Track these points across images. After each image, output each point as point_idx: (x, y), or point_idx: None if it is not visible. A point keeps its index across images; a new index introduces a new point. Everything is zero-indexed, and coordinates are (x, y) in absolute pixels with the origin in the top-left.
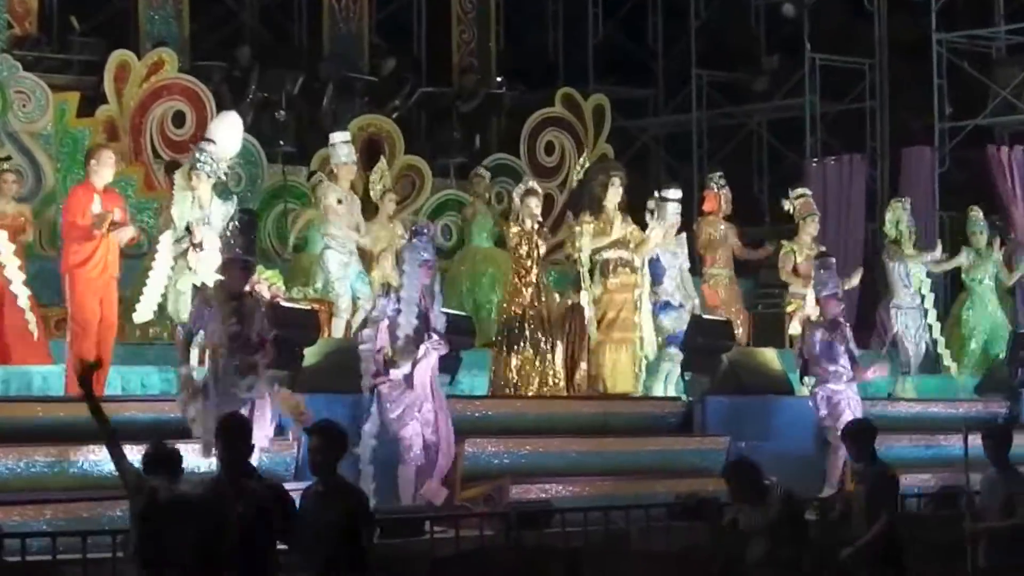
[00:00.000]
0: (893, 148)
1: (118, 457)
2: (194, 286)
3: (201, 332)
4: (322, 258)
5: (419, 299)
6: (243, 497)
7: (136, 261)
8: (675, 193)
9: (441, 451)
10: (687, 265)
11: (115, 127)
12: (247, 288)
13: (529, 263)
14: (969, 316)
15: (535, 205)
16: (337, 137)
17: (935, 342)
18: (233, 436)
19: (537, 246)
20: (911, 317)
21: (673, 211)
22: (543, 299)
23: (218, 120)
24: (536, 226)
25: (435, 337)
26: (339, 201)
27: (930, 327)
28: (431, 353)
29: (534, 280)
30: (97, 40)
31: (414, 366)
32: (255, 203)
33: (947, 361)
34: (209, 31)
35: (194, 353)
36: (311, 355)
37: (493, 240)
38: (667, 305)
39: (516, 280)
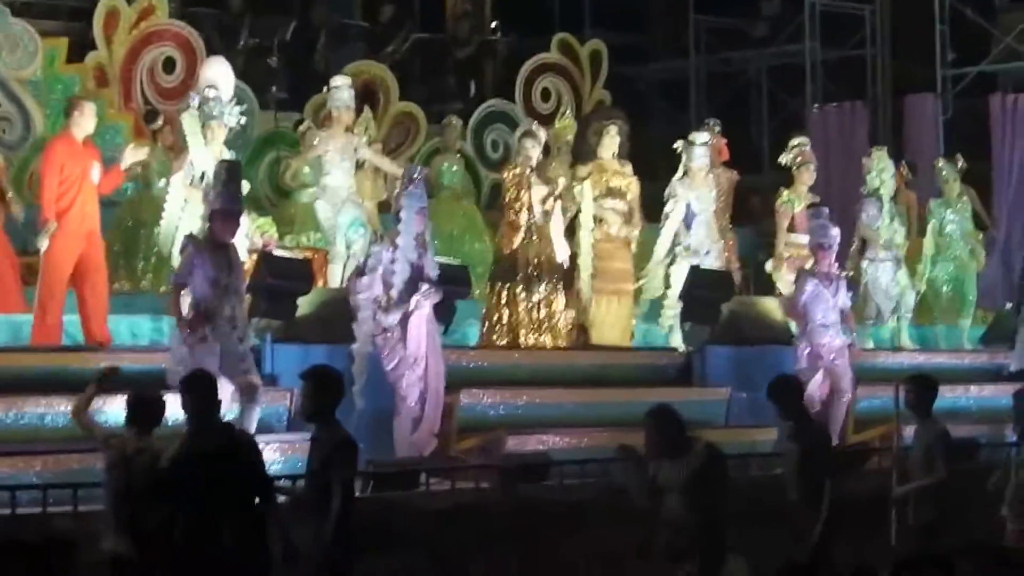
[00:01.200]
0: (895, 96)
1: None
2: (184, 236)
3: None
4: (314, 208)
5: (415, 247)
6: (212, 451)
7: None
8: (703, 136)
9: (429, 401)
10: (713, 207)
11: (104, 74)
12: (232, 239)
13: (518, 206)
14: (937, 265)
15: (531, 147)
16: (338, 80)
17: (917, 293)
18: (199, 392)
19: (530, 187)
20: (883, 270)
21: (700, 155)
22: (537, 244)
23: (212, 65)
24: (530, 170)
25: (429, 286)
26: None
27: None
28: (425, 302)
29: (524, 224)
30: None
31: (408, 316)
32: (247, 150)
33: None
34: None
35: (185, 302)
36: (305, 305)
37: (462, 186)
38: (695, 254)
39: (508, 226)
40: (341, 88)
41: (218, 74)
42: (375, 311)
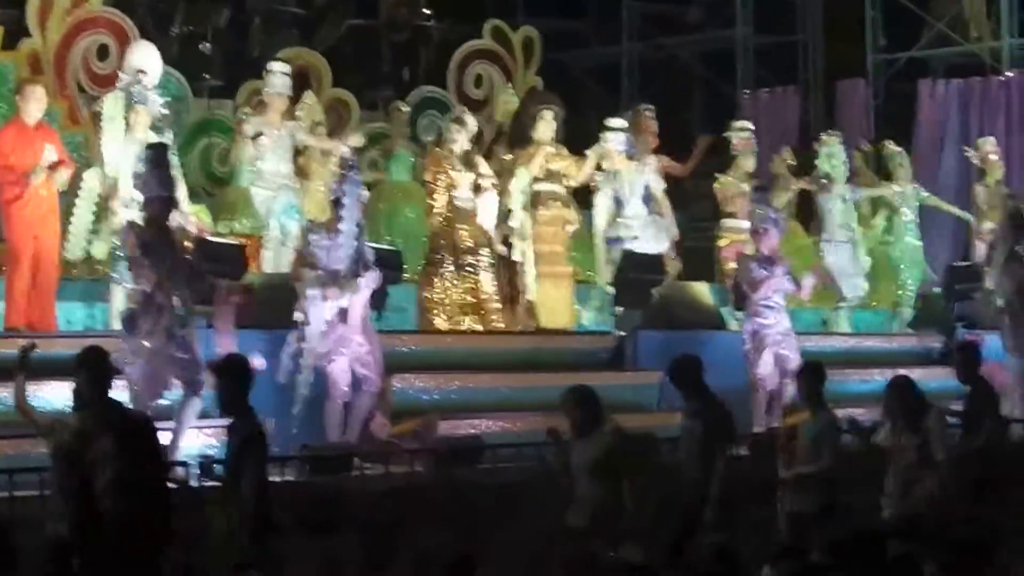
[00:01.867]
0: (827, 81)
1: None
2: (128, 223)
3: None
4: (249, 194)
5: (356, 233)
6: (108, 431)
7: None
8: (617, 122)
9: (374, 385)
10: (662, 186)
11: (39, 61)
12: (170, 223)
13: (437, 188)
14: (891, 249)
15: (455, 131)
16: (276, 66)
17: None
18: (94, 368)
19: (448, 171)
20: (842, 251)
21: (613, 139)
22: (465, 228)
23: (140, 50)
24: (451, 154)
25: (372, 271)
26: (259, 134)
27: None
28: (364, 287)
29: (443, 208)
30: None
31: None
32: (180, 137)
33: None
34: None
35: (119, 293)
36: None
37: (411, 176)
38: (618, 240)
39: (428, 209)
40: (276, 74)
41: (145, 58)
42: (319, 295)
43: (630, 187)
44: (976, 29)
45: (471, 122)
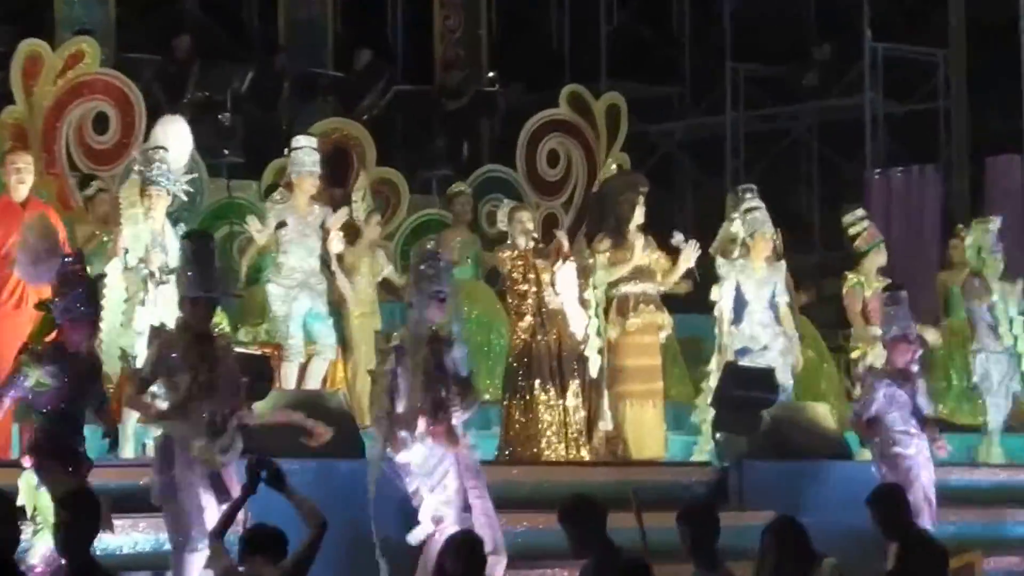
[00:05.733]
0: (974, 157)
1: None
2: (152, 327)
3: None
4: (267, 293)
5: (431, 342)
6: None
7: None
8: (752, 200)
9: (486, 525)
10: (786, 298)
11: (24, 132)
12: (208, 328)
13: (525, 288)
14: None
15: (527, 219)
16: (302, 141)
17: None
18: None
19: (535, 268)
20: (996, 364)
21: (762, 220)
22: (550, 330)
23: (165, 124)
24: (531, 244)
25: (455, 398)
26: (282, 224)
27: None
28: (457, 415)
29: (532, 309)
30: (4, 27)
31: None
32: (195, 225)
33: None
34: (140, 17)
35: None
36: (260, 410)
37: (474, 273)
38: (743, 351)
39: (514, 315)
40: (303, 149)
41: (172, 135)
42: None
43: (758, 284)
44: None
45: (527, 208)
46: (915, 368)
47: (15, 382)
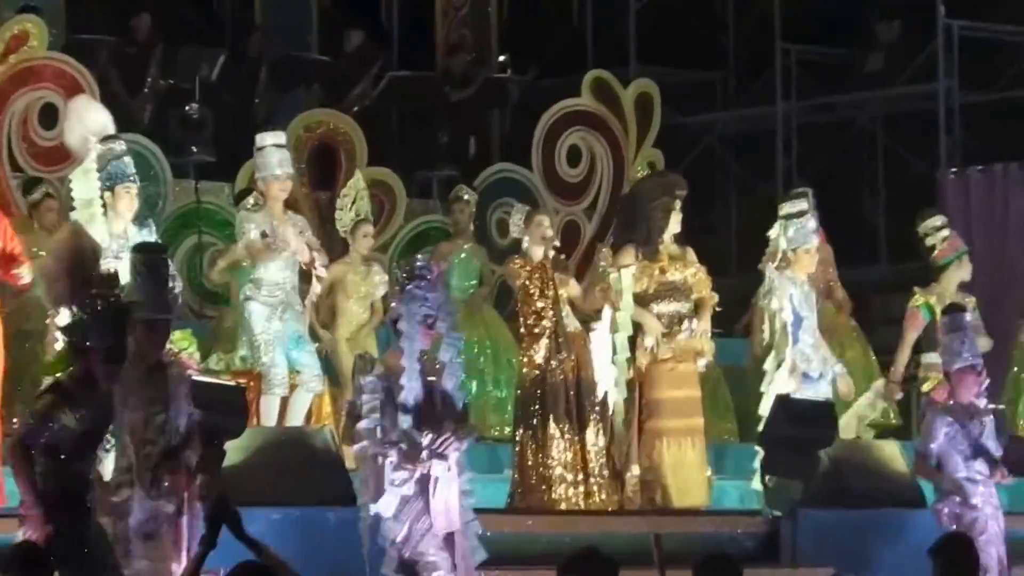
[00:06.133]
0: None
1: None
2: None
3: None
4: (244, 313)
5: (420, 372)
6: None
7: None
8: (801, 204)
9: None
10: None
11: None
12: (162, 356)
13: (542, 305)
14: None
15: (547, 225)
16: (267, 139)
17: None
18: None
19: (554, 283)
20: None
21: (811, 230)
22: (568, 357)
23: (90, 108)
24: (551, 254)
25: (451, 426)
26: (263, 234)
27: None
28: (451, 450)
29: (550, 328)
30: None
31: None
32: (156, 234)
33: None
34: None
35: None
36: (235, 451)
37: (476, 290)
38: (805, 377)
39: (527, 337)
40: (267, 149)
41: (102, 117)
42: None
43: (807, 299)
44: None
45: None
46: (983, 402)
47: (44, 428)
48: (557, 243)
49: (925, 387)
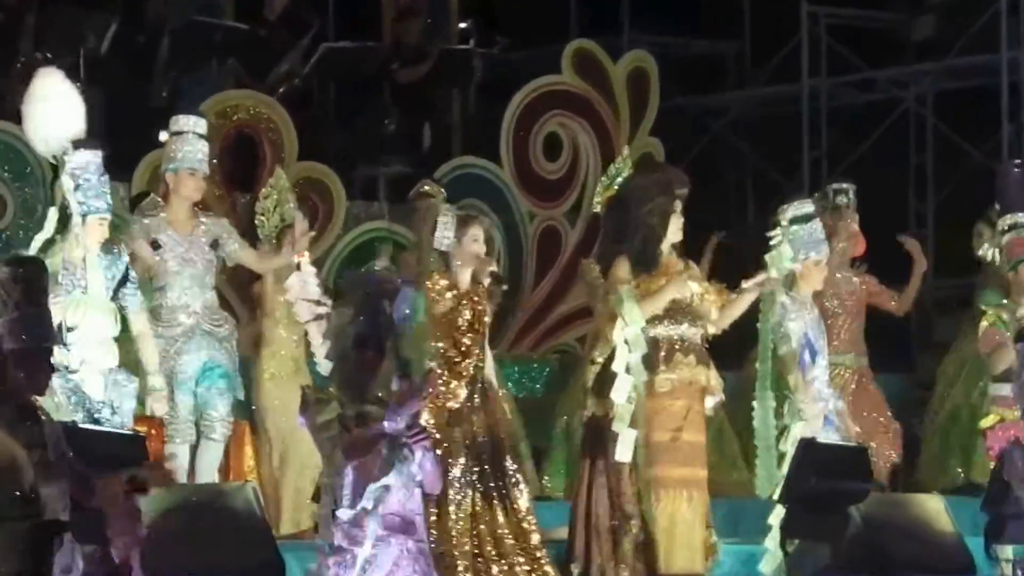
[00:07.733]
0: None
1: None
2: None
3: None
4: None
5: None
6: None
7: None
8: (805, 207)
9: None
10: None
11: None
12: (42, 393)
13: (468, 342)
14: None
15: (483, 240)
16: (188, 122)
17: None
18: None
19: (482, 316)
20: None
21: (818, 238)
22: (487, 406)
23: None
24: (484, 281)
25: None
26: (156, 245)
27: None
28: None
29: (469, 372)
30: None
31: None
32: (32, 245)
33: None
34: None
35: None
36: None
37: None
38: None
39: (445, 375)
40: (185, 136)
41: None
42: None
43: (818, 324)
44: None
45: (483, 222)
46: None
47: None
48: (495, 268)
49: (985, 422)
